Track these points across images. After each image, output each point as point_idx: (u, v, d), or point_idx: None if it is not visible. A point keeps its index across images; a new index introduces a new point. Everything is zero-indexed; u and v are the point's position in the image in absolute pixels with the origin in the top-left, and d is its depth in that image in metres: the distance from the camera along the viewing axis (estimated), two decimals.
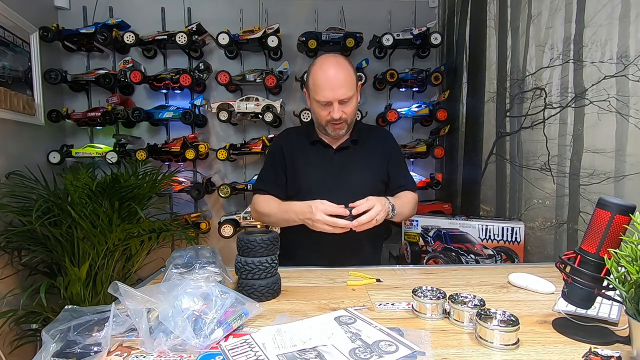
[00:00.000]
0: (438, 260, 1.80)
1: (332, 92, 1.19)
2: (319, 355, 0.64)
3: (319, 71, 1.23)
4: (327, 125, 1.27)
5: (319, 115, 1.26)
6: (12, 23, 1.98)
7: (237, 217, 2.29)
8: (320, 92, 1.21)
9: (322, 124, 1.28)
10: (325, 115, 1.24)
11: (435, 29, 2.48)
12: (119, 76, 2.26)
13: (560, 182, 1.50)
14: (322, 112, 1.24)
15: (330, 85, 1.19)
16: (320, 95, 1.21)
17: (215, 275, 0.93)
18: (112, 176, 1.87)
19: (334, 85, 1.19)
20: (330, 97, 1.20)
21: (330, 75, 1.20)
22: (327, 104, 1.22)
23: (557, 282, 0.95)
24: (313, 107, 1.28)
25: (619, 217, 0.65)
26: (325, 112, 1.23)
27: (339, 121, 1.24)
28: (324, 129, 1.30)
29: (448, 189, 2.40)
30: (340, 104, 1.21)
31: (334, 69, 1.21)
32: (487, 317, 0.69)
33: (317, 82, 1.22)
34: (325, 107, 1.23)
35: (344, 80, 1.20)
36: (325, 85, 1.20)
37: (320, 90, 1.21)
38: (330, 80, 1.20)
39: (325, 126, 1.27)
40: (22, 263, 1.81)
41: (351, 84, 1.22)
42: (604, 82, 1.32)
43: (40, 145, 2.21)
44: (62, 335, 0.67)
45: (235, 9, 2.47)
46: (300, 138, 1.39)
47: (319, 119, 1.28)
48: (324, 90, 1.20)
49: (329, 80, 1.20)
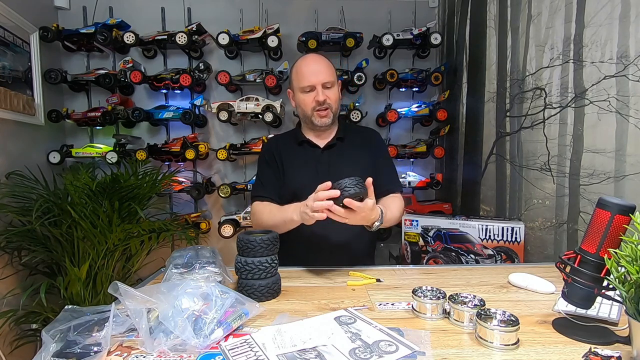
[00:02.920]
0: (438, 260, 1.80)
1: (315, 76, 1.27)
2: (319, 355, 0.64)
3: (300, 63, 1.32)
4: (312, 114, 1.30)
5: (304, 104, 1.30)
6: (12, 23, 1.98)
7: (237, 217, 2.29)
8: (303, 78, 1.28)
9: (307, 114, 1.31)
10: (310, 101, 1.29)
11: (435, 29, 2.48)
12: (119, 76, 2.26)
13: (560, 182, 1.50)
14: (307, 98, 1.29)
15: (312, 71, 1.28)
16: (304, 81, 1.28)
17: (215, 275, 0.93)
18: (112, 176, 1.86)
19: (315, 70, 1.28)
20: (314, 80, 1.27)
21: (311, 63, 1.30)
22: (310, 90, 1.28)
23: (557, 282, 0.95)
24: (298, 99, 1.32)
25: (619, 217, 0.65)
26: (310, 98, 1.28)
27: (324, 106, 1.28)
28: (310, 122, 1.32)
29: (448, 189, 2.40)
30: (324, 88, 1.28)
31: (314, 58, 1.32)
32: (487, 317, 0.69)
33: (299, 71, 1.30)
34: (309, 93, 1.29)
35: (325, 67, 1.29)
36: (307, 71, 1.28)
37: (303, 77, 1.28)
38: (311, 66, 1.29)
39: (311, 116, 1.31)
40: (22, 263, 1.81)
41: (332, 71, 1.31)
42: (604, 82, 1.32)
43: (40, 145, 2.21)
44: (62, 335, 0.67)
45: (235, 9, 2.47)
46: (286, 141, 1.42)
47: (305, 109, 1.31)
48: (307, 76, 1.27)
49: (310, 67, 1.29)
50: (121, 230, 1.76)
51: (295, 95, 1.35)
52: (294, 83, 1.33)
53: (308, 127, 1.38)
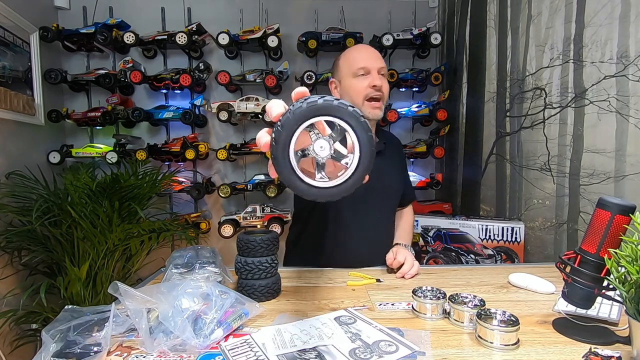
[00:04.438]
0: (438, 260, 1.80)
1: (371, 60, 1.17)
2: (319, 356, 0.64)
3: (352, 50, 1.22)
4: (363, 104, 1.16)
5: (355, 91, 1.16)
6: (12, 23, 1.98)
7: (237, 217, 2.29)
8: (355, 61, 1.17)
9: (358, 102, 1.16)
10: (363, 87, 1.15)
11: (435, 29, 2.48)
12: (119, 76, 2.26)
13: (560, 182, 1.50)
14: (360, 84, 1.16)
15: (367, 56, 1.18)
16: (357, 62, 1.16)
17: (215, 275, 0.93)
18: (112, 176, 1.87)
19: (371, 55, 1.18)
20: (370, 64, 1.16)
21: (364, 48, 1.21)
22: (365, 75, 1.16)
23: (557, 282, 0.95)
24: (347, 85, 1.18)
25: (619, 217, 0.65)
26: (364, 84, 1.15)
27: (378, 95, 1.16)
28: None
29: (448, 189, 2.40)
30: (378, 74, 1.17)
31: (367, 46, 1.23)
32: (487, 317, 0.69)
33: (351, 55, 1.20)
34: (362, 78, 1.16)
35: (378, 55, 1.20)
36: (361, 55, 1.18)
37: (356, 60, 1.17)
38: (365, 51, 1.19)
39: (362, 106, 1.16)
40: (22, 263, 1.81)
41: (384, 62, 1.20)
42: (604, 82, 1.32)
43: (40, 145, 2.21)
44: (62, 335, 0.67)
45: (235, 9, 2.47)
46: None
47: (355, 97, 1.17)
48: (363, 60, 1.16)
49: (364, 52, 1.19)
50: (121, 230, 1.76)
51: (342, 84, 1.20)
52: (342, 70, 1.20)
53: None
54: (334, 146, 0.54)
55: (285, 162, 0.51)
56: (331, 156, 0.53)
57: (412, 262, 1.11)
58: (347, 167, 0.53)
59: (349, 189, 0.54)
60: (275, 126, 0.50)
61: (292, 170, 0.52)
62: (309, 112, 0.49)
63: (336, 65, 1.24)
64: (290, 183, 0.52)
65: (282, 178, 0.51)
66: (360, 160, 0.52)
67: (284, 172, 0.51)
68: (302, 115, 0.49)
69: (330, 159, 0.54)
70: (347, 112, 0.50)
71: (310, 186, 0.53)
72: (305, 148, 0.53)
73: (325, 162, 0.54)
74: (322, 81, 2.34)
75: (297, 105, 0.49)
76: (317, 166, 0.54)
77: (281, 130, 0.49)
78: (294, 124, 0.49)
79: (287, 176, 0.51)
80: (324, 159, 0.54)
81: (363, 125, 0.50)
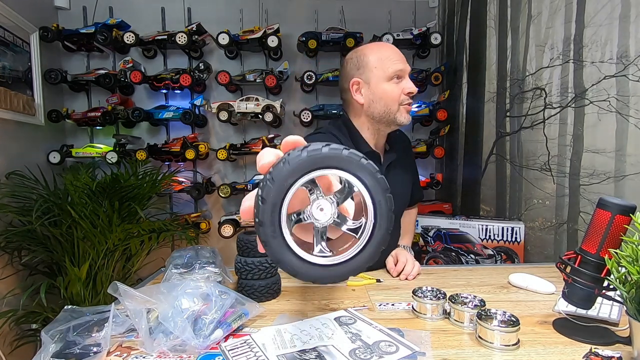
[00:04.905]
0: (438, 260, 1.80)
1: (405, 64, 1.05)
2: (319, 356, 0.64)
3: (379, 46, 1.08)
4: (399, 109, 1.06)
5: (390, 97, 1.05)
6: (12, 23, 1.98)
7: (237, 217, 2.29)
8: (393, 65, 1.04)
9: (392, 109, 1.05)
10: (399, 92, 1.04)
11: (435, 29, 2.48)
12: (119, 76, 2.26)
13: (560, 182, 1.49)
14: (396, 89, 1.05)
15: (401, 58, 1.05)
16: (394, 65, 1.03)
17: (215, 275, 0.93)
18: (112, 176, 1.87)
19: (403, 58, 1.06)
20: (405, 67, 1.05)
21: (396, 50, 1.07)
22: (399, 78, 1.05)
23: (557, 283, 0.95)
24: (381, 90, 1.05)
25: (619, 217, 0.65)
26: (399, 89, 1.05)
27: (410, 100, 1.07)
28: (392, 120, 1.07)
29: (448, 189, 2.39)
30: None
31: (394, 47, 1.09)
32: (488, 317, 0.69)
33: (384, 55, 1.05)
34: (398, 83, 1.05)
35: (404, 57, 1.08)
36: (397, 57, 1.05)
37: (391, 61, 1.04)
38: (399, 53, 1.06)
39: (396, 112, 1.06)
40: (22, 263, 1.81)
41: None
42: (604, 82, 1.32)
43: (40, 145, 2.21)
44: (61, 335, 0.67)
45: (235, 9, 2.47)
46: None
47: (390, 103, 1.05)
48: (397, 62, 1.04)
49: (399, 54, 1.06)
50: (121, 230, 1.76)
51: (374, 86, 1.06)
52: (374, 71, 1.05)
53: (375, 128, 1.10)
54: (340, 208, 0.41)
55: (274, 229, 0.37)
56: (334, 222, 0.41)
57: (413, 263, 1.11)
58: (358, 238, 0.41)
59: (360, 267, 0.41)
60: (264, 180, 0.37)
61: (283, 240, 0.38)
62: (310, 163, 0.37)
63: (363, 64, 1.07)
64: (279, 258, 0.38)
65: (269, 251, 0.38)
66: (376, 228, 0.40)
67: (271, 243, 0.37)
68: (300, 167, 0.37)
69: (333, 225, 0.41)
70: (360, 165, 0.38)
71: (306, 263, 0.39)
72: (300, 211, 0.40)
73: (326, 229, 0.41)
74: (322, 81, 2.34)
75: (295, 153, 0.37)
76: (315, 235, 0.41)
77: (271, 185, 0.36)
78: (289, 177, 0.37)
79: (275, 248, 0.38)
80: (325, 226, 0.40)
81: (380, 183, 0.39)
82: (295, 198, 0.38)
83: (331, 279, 0.41)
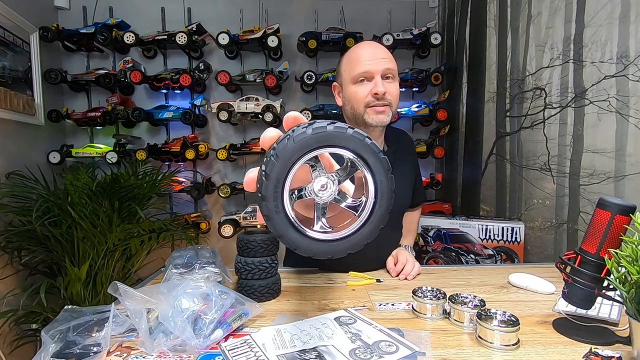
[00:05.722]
0: (438, 260, 1.80)
1: (374, 63, 1.02)
2: (319, 356, 0.64)
3: (355, 48, 1.08)
4: (365, 111, 1.04)
5: (355, 99, 1.05)
6: (12, 23, 1.98)
7: (237, 217, 2.29)
8: (357, 64, 1.03)
9: (358, 111, 1.05)
10: (363, 95, 1.03)
11: (435, 29, 2.48)
12: (119, 76, 2.26)
13: (560, 182, 1.49)
14: (360, 91, 1.03)
15: (369, 57, 1.03)
16: (358, 67, 1.03)
17: (215, 275, 0.93)
18: (112, 176, 1.87)
19: (374, 56, 1.03)
20: (372, 67, 1.02)
21: (368, 47, 1.06)
22: (365, 80, 1.04)
23: (557, 283, 0.95)
24: (348, 92, 1.07)
25: (619, 217, 0.65)
26: (365, 91, 1.03)
27: (382, 101, 1.02)
28: (361, 122, 1.06)
29: (448, 189, 2.40)
30: (383, 79, 1.03)
31: (372, 44, 1.08)
32: (488, 317, 0.69)
33: (353, 56, 1.06)
34: (365, 84, 1.04)
35: (385, 53, 1.05)
36: (364, 56, 1.03)
37: (358, 62, 1.03)
38: (368, 51, 1.04)
39: (362, 114, 1.05)
40: (22, 263, 1.81)
41: (393, 61, 1.06)
42: (604, 82, 1.32)
43: (40, 145, 2.21)
44: (61, 335, 0.67)
45: (235, 9, 2.47)
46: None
47: (355, 106, 1.06)
48: (363, 61, 1.03)
49: (367, 52, 1.04)
50: (121, 230, 1.76)
51: (344, 89, 1.08)
52: (343, 74, 1.08)
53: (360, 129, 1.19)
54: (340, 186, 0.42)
55: (277, 204, 0.38)
56: (335, 199, 0.42)
57: (414, 263, 1.11)
58: (357, 215, 0.42)
59: (359, 243, 0.43)
60: (267, 155, 0.37)
61: (285, 216, 0.39)
62: (314, 141, 0.38)
63: (338, 70, 1.12)
64: (282, 233, 0.39)
65: (271, 225, 0.39)
66: (376, 207, 0.42)
67: (274, 218, 0.38)
68: (305, 144, 0.37)
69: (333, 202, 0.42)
70: (364, 144, 0.40)
71: (307, 238, 0.41)
72: (302, 187, 0.41)
73: (327, 206, 0.42)
74: (322, 81, 2.34)
75: (300, 130, 0.37)
76: (316, 211, 0.42)
77: (275, 161, 0.37)
78: (294, 154, 0.37)
79: (277, 223, 0.39)
80: (326, 202, 0.42)
81: (382, 163, 0.41)
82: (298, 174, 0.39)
83: (331, 254, 0.43)
